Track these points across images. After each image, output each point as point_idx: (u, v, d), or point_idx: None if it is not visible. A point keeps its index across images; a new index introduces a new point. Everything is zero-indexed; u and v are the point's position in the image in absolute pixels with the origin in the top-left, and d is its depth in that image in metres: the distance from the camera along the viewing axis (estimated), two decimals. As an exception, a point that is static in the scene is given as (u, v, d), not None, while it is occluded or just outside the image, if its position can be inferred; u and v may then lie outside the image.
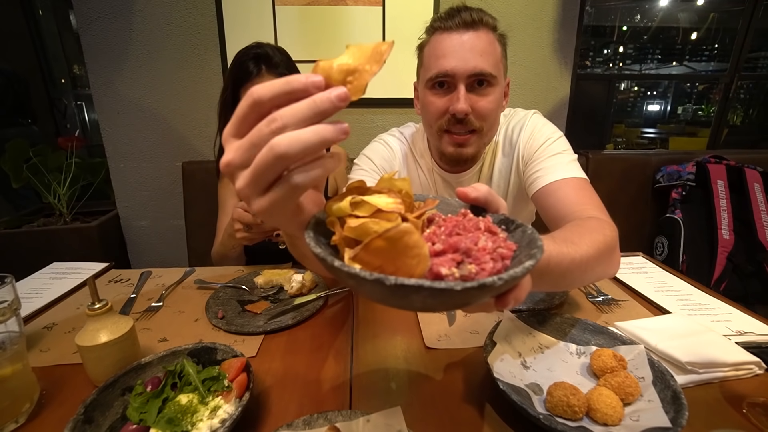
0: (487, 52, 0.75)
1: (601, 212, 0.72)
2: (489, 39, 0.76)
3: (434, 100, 0.80)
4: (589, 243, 0.57)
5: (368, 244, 0.27)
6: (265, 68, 0.98)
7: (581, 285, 0.81)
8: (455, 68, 0.75)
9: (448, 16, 0.76)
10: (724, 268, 1.42)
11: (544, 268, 0.48)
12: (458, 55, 0.74)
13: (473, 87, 0.77)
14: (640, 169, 1.69)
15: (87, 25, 1.50)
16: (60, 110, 2.38)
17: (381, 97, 1.64)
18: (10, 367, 0.49)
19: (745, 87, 3.85)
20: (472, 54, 0.74)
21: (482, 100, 0.77)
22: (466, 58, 0.74)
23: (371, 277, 0.25)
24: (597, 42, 4.48)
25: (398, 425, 0.44)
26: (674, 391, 0.47)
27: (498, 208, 0.39)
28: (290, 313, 0.73)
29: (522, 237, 0.34)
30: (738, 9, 2.43)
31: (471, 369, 0.58)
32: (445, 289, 0.24)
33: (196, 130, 1.65)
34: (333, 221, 0.32)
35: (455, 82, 0.76)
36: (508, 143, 0.90)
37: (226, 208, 1.14)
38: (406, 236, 0.26)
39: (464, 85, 0.76)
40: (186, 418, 0.44)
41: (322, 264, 0.28)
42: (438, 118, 0.80)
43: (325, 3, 1.54)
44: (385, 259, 0.27)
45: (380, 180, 0.34)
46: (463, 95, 0.75)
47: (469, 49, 0.74)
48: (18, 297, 0.51)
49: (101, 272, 0.94)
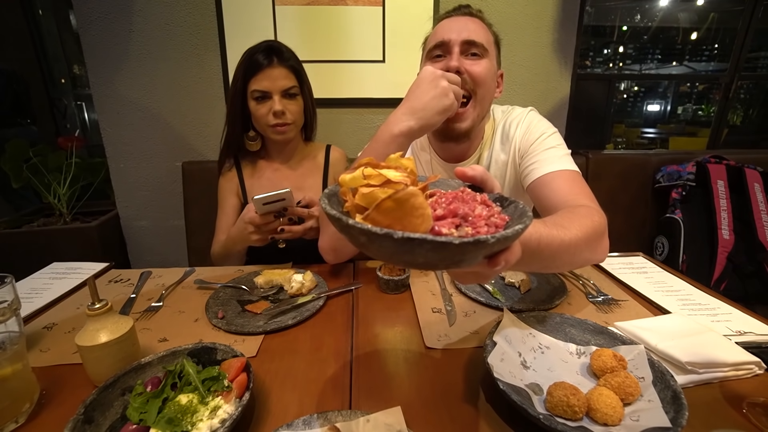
0: (479, 30, 0.84)
1: (591, 201, 0.76)
2: (483, 26, 0.86)
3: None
4: (578, 227, 0.61)
5: (379, 204, 0.30)
6: (276, 60, 0.99)
7: (570, 268, 0.86)
8: (450, 37, 0.83)
9: (451, 9, 0.88)
10: (724, 268, 1.42)
11: (534, 248, 0.51)
12: (454, 28, 0.83)
13: (467, 54, 0.83)
14: (640, 169, 1.69)
15: (87, 25, 1.50)
16: (60, 110, 2.38)
17: (381, 97, 1.65)
18: (10, 367, 0.49)
19: (745, 87, 3.85)
20: (466, 28, 0.83)
21: (475, 65, 0.83)
22: (461, 30, 0.83)
23: (381, 231, 0.28)
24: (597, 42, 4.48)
25: (398, 425, 0.44)
26: (674, 391, 0.47)
27: (493, 188, 0.43)
28: (290, 313, 0.73)
29: (514, 211, 0.38)
30: (738, 9, 2.42)
31: (471, 369, 0.58)
32: (444, 242, 0.28)
33: (196, 130, 1.65)
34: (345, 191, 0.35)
35: (450, 48, 0.83)
36: (505, 137, 0.94)
37: (226, 208, 1.13)
38: (413, 198, 0.30)
39: (459, 49, 0.83)
40: (186, 418, 0.44)
41: (335, 224, 0.31)
42: None
43: (325, 3, 1.53)
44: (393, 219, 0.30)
45: (388, 159, 0.38)
46: (457, 54, 0.82)
47: (464, 24, 0.84)
48: (18, 297, 0.51)
49: (101, 272, 0.94)
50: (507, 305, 0.73)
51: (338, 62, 1.60)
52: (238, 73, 1.00)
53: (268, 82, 0.99)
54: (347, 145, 1.71)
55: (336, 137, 1.67)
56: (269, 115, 1.00)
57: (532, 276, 0.87)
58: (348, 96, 1.64)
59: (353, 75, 1.62)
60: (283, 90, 1.00)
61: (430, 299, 0.78)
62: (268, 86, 0.99)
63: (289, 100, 1.02)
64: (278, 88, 1.00)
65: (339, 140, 1.67)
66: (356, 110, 1.68)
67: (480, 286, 0.83)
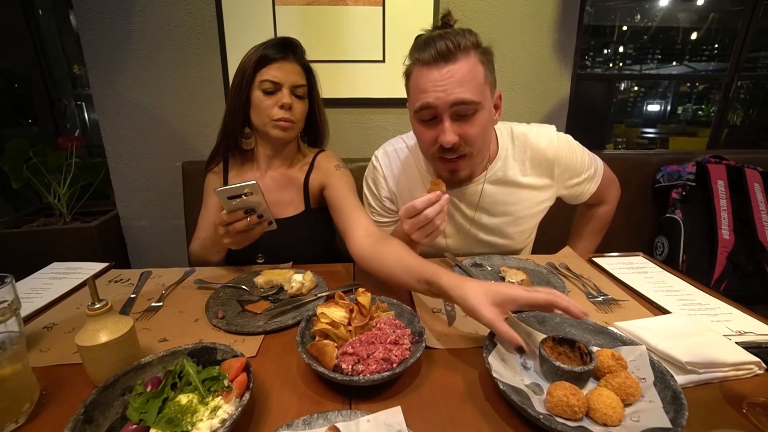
0: (466, 80, 0.77)
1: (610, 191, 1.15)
2: (468, 65, 0.77)
3: (424, 131, 0.85)
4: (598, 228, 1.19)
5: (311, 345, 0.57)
6: (291, 54, 0.97)
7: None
8: (437, 102, 0.78)
9: (426, 45, 0.78)
10: (724, 268, 1.42)
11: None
12: (438, 89, 0.77)
13: (458, 116, 0.80)
14: (640, 169, 1.69)
15: (87, 25, 1.50)
16: (60, 110, 2.38)
17: (381, 97, 1.65)
18: (10, 367, 0.49)
19: (745, 87, 3.85)
20: (452, 85, 0.76)
21: (468, 127, 0.80)
22: (447, 90, 0.77)
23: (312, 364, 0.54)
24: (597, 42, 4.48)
25: (398, 425, 0.44)
26: (674, 391, 0.47)
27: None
28: (290, 313, 0.73)
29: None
30: (738, 9, 2.42)
31: (471, 369, 0.58)
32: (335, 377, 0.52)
33: (196, 130, 1.65)
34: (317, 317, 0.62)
35: (440, 114, 0.80)
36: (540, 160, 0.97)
37: (208, 204, 1.10)
38: (326, 347, 0.55)
39: (448, 116, 0.79)
40: (186, 418, 0.44)
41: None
42: (429, 147, 0.86)
43: (325, 3, 1.53)
44: (318, 354, 0.55)
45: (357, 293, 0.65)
46: (449, 127, 0.79)
47: (449, 81, 0.76)
48: (18, 297, 0.51)
49: (101, 272, 0.94)
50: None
51: (338, 62, 1.60)
52: (248, 62, 0.95)
53: (280, 74, 0.95)
54: (347, 145, 1.71)
55: (336, 137, 1.66)
56: (275, 107, 0.95)
57: (533, 276, 0.87)
58: (348, 96, 1.64)
59: (353, 75, 1.62)
60: (293, 86, 0.97)
61: (430, 299, 0.78)
62: (280, 77, 0.94)
63: (296, 99, 0.99)
64: (289, 82, 0.96)
65: (339, 140, 1.67)
66: (356, 110, 1.68)
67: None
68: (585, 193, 1.06)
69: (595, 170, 1.04)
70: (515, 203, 0.99)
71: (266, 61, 0.94)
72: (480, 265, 0.95)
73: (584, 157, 1.01)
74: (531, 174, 0.97)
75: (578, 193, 1.05)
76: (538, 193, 0.99)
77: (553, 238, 1.30)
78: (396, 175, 1.02)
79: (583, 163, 1.00)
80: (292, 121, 0.97)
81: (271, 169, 1.07)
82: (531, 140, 0.96)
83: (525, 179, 0.97)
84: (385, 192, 1.03)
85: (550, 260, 0.97)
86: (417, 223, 0.77)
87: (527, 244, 1.11)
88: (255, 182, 0.76)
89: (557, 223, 1.31)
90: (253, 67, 0.94)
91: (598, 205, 1.15)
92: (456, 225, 1.02)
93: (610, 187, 1.11)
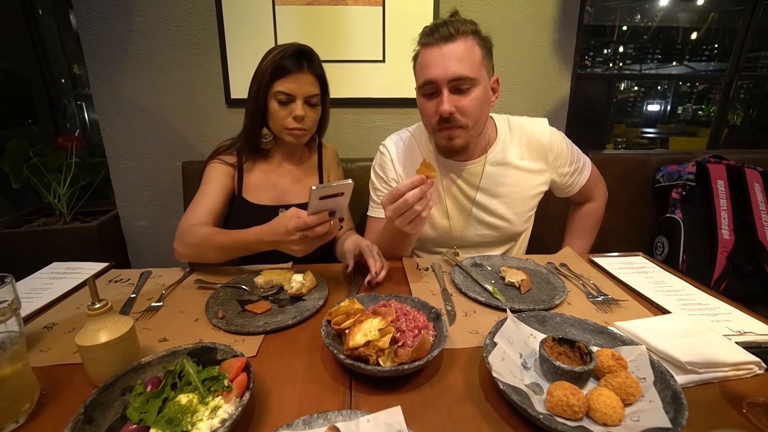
0: (464, 58, 0.86)
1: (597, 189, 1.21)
2: (467, 46, 0.87)
3: (426, 104, 0.94)
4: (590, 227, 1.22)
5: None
6: (306, 65, 1.00)
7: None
8: (437, 76, 0.88)
9: (431, 32, 0.89)
10: (724, 268, 1.42)
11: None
12: (439, 65, 0.87)
13: (456, 90, 0.89)
14: (640, 169, 1.69)
15: (87, 25, 1.50)
16: (60, 110, 2.38)
17: (381, 97, 1.65)
18: (10, 367, 0.49)
19: (745, 87, 3.85)
20: (451, 62, 0.86)
21: (464, 100, 0.89)
22: (446, 66, 0.87)
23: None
24: (597, 42, 4.49)
25: (398, 425, 0.44)
26: (674, 391, 0.47)
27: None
28: (290, 313, 0.73)
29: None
30: (738, 9, 2.43)
31: (471, 369, 0.58)
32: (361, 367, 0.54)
33: (196, 130, 1.65)
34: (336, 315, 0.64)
35: (440, 88, 0.89)
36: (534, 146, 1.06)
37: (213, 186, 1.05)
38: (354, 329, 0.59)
39: (447, 89, 0.88)
40: (186, 418, 0.44)
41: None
42: (431, 118, 0.94)
43: (325, 3, 1.53)
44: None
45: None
46: (447, 98, 0.88)
47: (448, 58, 0.86)
48: (18, 297, 0.51)
49: (101, 272, 0.94)
50: (507, 305, 0.73)
51: (338, 62, 1.60)
52: (265, 71, 0.99)
53: (294, 86, 0.99)
54: (347, 144, 1.71)
55: (336, 137, 1.67)
56: (288, 117, 1.01)
57: (533, 276, 0.87)
58: (348, 96, 1.64)
59: (353, 75, 1.62)
60: (307, 96, 1.01)
61: (430, 299, 0.78)
62: (294, 90, 0.99)
63: (310, 107, 1.03)
64: (303, 93, 1.00)
65: (339, 140, 1.67)
66: (356, 110, 1.68)
67: (480, 286, 0.83)
68: (575, 185, 1.13)
69: (583, 164, 1.13)
70: (513, 185, 1.05)
71: (282, 73, 0.98)
72: (480, 265, 0.95)
73: (573, 150, 1.11)
74: (527, 158, 1.06)
75: (569, 183, 1.12)
76: (534, 177, 1.07)
77: (553, 238, 1.31)
78: (402, 159, 1.10)
79: (572, 153, 1.10)
80: (304, 129, 1.04)
81: (285, 162, 1.16)
82: (526, 128, 1.06)
83: (522, 162, 1.05)
84: (392, 174, 1.10)
85: (550, 260, 0.97)
86: (398, 209, 0.78)
87: (526, 228, 1.15)
88: (351, 182, 0.72)
89: (557, 223, 1.32)
90: (270, 77, 0.99)
91: (587, 203, 1.23)
92: (458, 205, 1.08)
93: (597, 185, 1.20)
